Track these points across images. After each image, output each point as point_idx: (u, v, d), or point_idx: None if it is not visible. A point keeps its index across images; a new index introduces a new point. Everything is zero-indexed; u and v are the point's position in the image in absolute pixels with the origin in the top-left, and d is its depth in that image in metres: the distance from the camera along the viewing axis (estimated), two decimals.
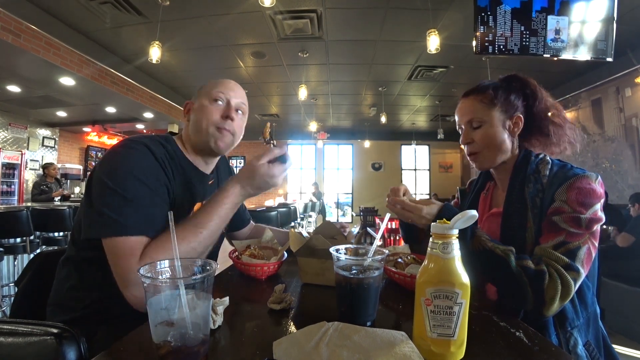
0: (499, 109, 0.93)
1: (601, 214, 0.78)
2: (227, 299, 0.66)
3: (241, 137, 1.01)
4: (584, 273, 0.74)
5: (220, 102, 0.95)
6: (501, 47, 2.76)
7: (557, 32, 2.75)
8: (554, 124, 0.94)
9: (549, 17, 2.74)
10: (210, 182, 1.04)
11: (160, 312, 0.47)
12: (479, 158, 0.97)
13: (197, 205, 0.96)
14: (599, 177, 0.82)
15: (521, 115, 0.94)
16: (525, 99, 0.95)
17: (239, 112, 0.98)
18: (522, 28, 2.75)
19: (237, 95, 0.98)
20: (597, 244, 0.78)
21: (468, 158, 1.00)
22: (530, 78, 0.98)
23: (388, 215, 0.86)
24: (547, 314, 0.72)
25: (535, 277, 0.71)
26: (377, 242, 0.70)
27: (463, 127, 0.99)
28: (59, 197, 5.11)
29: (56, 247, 2.95)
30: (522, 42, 2.76)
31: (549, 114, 0.94)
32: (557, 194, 0.81)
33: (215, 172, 1.09)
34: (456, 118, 1.02)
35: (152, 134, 0.95)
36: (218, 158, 1.06)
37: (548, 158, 0.91)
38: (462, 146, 1.01)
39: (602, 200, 0.79)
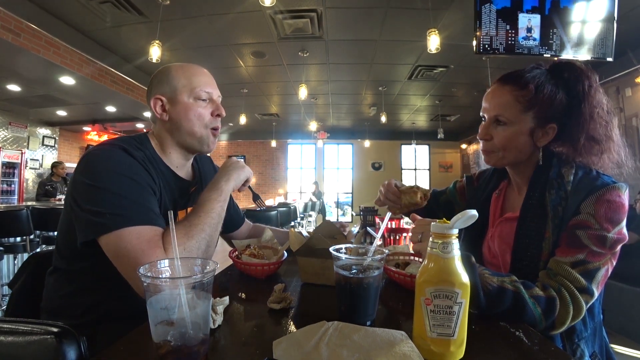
0: (534, 113, 0.81)
1: (625, 232, 0.73)
2: (227, 298, 0.66)
3: None
4: (596, 294, 0.71)
5: (205, 100, 0.91)
6: (495, 46, 2.75)
7: (529, 30, 2.72)
8: (592, 139, 0.79)
9: (520, 15, 2.69)
10: (193, 189, 1.00)
11: (160, 312, 0.47)
12: (492, 156, 0.89)
13: (181, 213, 0.94)
14: (627, 188, 0.76)
15: (555, 126, 0.82)
16: (573, 101, 0.81)
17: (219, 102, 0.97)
18: (508, 27, 2.74)
19: (216, 89, 0.95)
20: (615, 263, 0.74)
21: (480, 151, 0.92)
22: (592, 72, 0.82)
23: (388, 215, 0.86)
24: (554, 333, 0.71)
25: (547, 306, 0.68)
26: (377, 241, 0.70)
27: (486, 117, 0.88)
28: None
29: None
30: (507, 41, 2.75)
31: (595, 125, 0.79)
32: (584, 206, 0.74)
33: (199, 177, 1.05)
34: (483, 103, 0.89)
35: (125, 135, 0.91)
36: (193, 157, 1.03)
37: (572, 161, 0.82)
38: (478, 139, 0.91)
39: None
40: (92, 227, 0.70)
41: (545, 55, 2.79)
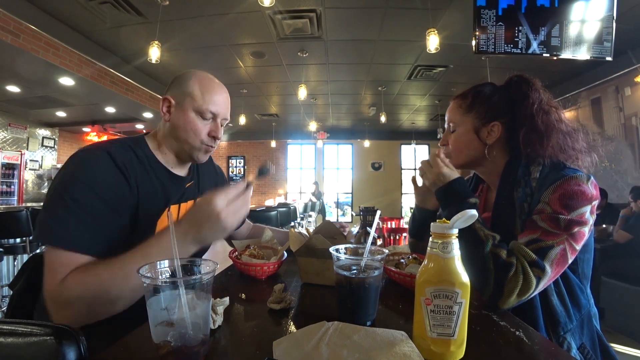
0: (474, 115, 0.94)
1: (588, 217, 0.74)
2: (227, 299, 0.65)
3: None
4: (551, 273, 0.72)
5: (209, 119, 0.91)
6: (494, 47, 2.76)
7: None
8: (534, 131, 0.85)
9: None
10: (188, 185, 1.00)
11: (160, 313, 0.47)
12: (451, 159, 0.98)
13: (174, 207, 0.93)
14: (592, 178, 0.78)
15: (499, 123, 0.91)
16: (514, 103, 0.91)
17: (222, 126, 0.96)
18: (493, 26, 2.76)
19: (225, 112, 0.95)
20: (577, 247, 0.75)
21: None
22: (534, 79, 0.94)
23: (378, 213, 0.86)
24: (502, 306, 0.71)
25: (502, 268, 0.71)
26: (373, 233, 0.70)
27: (445, 128, 1.02)
28: None
29: None
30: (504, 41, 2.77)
31: (534, 119, 0.86)
32: (543, 196, 0.78)
33: (196, 174, 1.05)
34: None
35: (123, 137, 0.91)
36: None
37: (540, 159, 0.85)
38: (439, 146, 1.04)
39: (595, 202, 0.76)
40: (36, 231, 0.71)
41: (544, 55, 2.79)
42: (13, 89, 5.37)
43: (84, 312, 0.67)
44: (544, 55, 2.79)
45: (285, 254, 1.00)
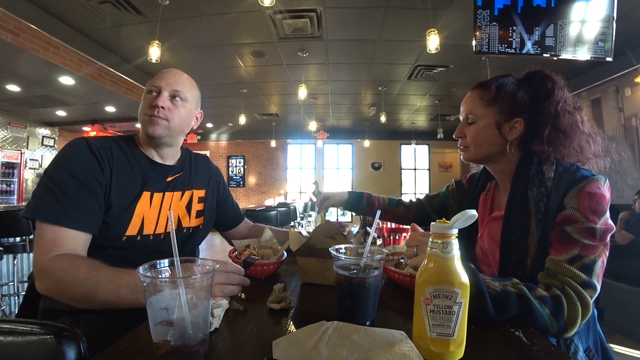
0: (497, 109, 0.89)
1: (611, 223, 0.74)
2: (225, 301, 0.66)
3: (186, 124, 1.03)
4: (599, 288, 0.71)
5: (153, 93, 0.99)
6: (494, 47, 2.76)
7: None
8: (559, 131, 0.84)
9: None
10: (174, 176, 1.04)
11: (159, 312, 0.47)
12: (467, 152, 0.96)
13: (157, 195, 0.97)
14: (607, 180, 0.78)
15: (522, 119, 0.87)
16: (538, 99, 0.88)
17: (177, 98, 0.99)
18: (498, 28, 2.76)
19: (170, 83, 0.99)
20: (607, 254, 0.74)
21: (458, 149, 1.00)
22: (557, 75, 0.91)
23: (378, 213, 0.86)
24: (569, 335, 0.69)
25: (554, 305, 0.67)
26: (373, 233, 0.71)
27: (461, 119, 0.98)
28: None
29: None
30: (505, 42, 2.77)
31: (559, 119, 0.84)
32: (567, 200, 0.76)
33: (188, 166, 1.09)
34: (460, 109, 1.00)
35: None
36: (172, 149, 1.05)
37: (552, 158, 0.85)
38: (455, 137, 0.99)
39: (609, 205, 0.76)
40: (27, 207, 0.81)
41: (544, 55, 2.78)
42: (13, 88, 5.36)
43: (59, 290, 0.74)
44: (544, 55, 2.78)
45: (285, 254, 1.00)
